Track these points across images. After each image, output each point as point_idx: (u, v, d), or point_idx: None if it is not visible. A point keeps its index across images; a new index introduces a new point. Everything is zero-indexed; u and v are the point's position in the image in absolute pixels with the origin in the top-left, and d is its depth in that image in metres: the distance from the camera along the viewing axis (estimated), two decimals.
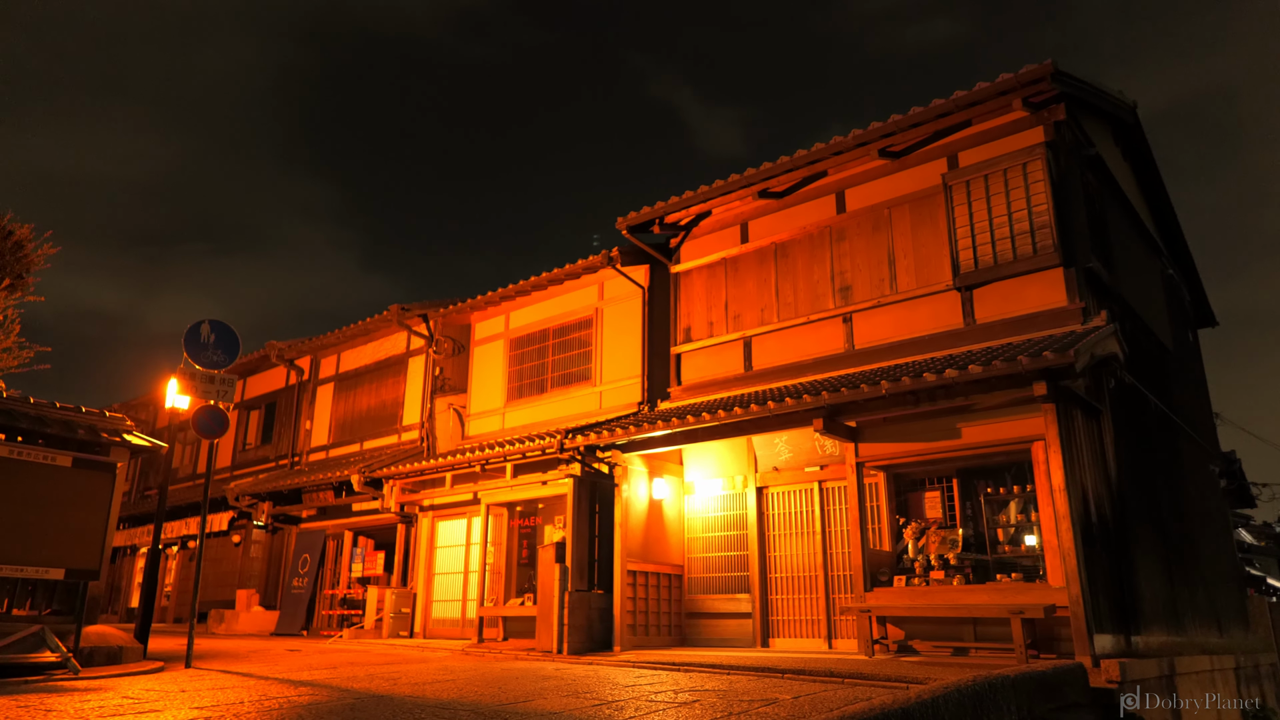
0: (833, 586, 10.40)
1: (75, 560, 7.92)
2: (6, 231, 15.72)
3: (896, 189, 10.76)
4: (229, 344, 9.59)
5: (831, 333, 10.96)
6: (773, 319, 11.56)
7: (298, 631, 16.01)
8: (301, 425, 18.83)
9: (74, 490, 8.01)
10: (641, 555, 11.12)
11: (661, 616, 11.22)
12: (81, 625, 7.95)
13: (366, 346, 17.91)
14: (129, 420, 9.31)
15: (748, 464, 11.34)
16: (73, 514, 7.96)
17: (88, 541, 8.03)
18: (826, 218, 11.36)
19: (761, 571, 10.92)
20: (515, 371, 15.03)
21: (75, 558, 7.93)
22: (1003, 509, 9.19)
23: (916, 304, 10.25)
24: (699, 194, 11.83)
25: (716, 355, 12.09)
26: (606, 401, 13.37)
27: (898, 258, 10.54)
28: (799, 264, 11.51)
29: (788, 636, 10.59)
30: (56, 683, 6.81)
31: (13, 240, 15.71)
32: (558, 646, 10.42)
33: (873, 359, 10.37)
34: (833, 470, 10.57)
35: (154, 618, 21.64)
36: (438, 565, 14.21)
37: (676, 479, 11.92)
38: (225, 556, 19.19)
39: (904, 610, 8.60)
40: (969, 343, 9.60)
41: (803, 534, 10.79)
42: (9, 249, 15.66)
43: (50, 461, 7.87)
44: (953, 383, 8.05)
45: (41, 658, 7.54)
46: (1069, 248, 9.17)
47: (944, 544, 9.28)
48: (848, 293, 10.91)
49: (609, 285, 13.94)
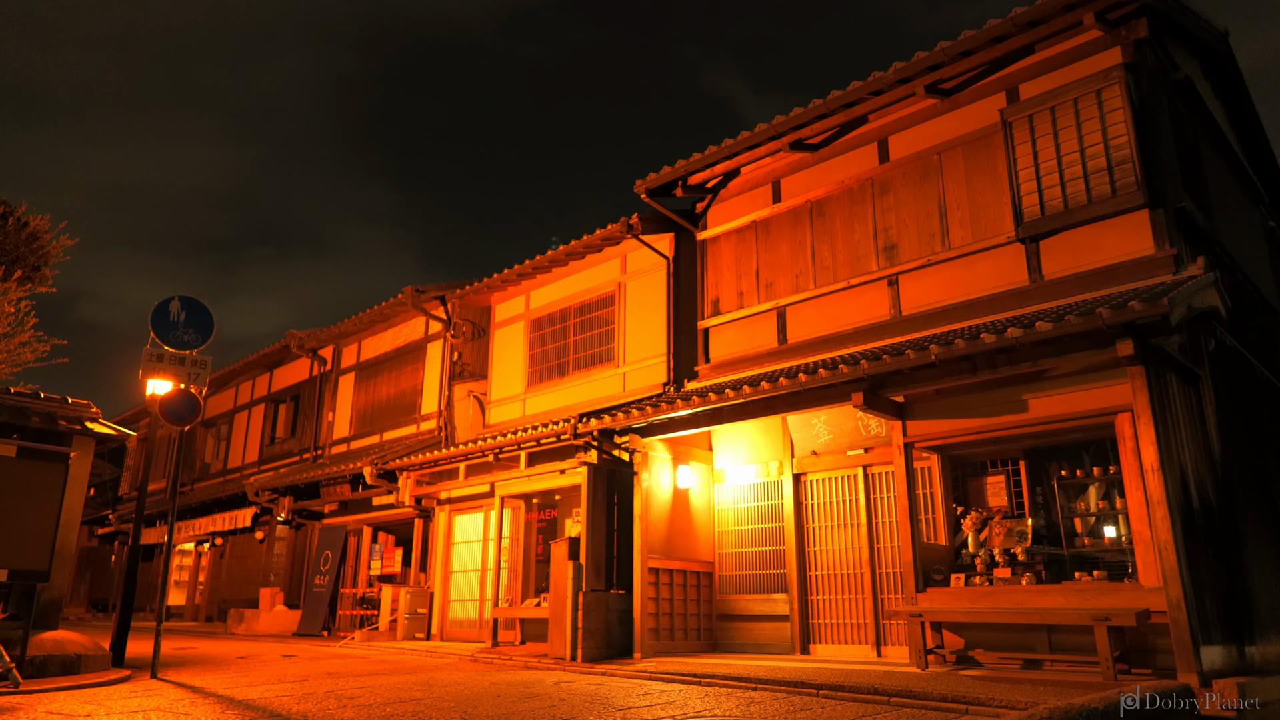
0: (881, 586, 9.14)
1: (19, 560, 7.11)
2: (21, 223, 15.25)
3: (947, 131, 9.41)
4: (202, 323, 8.76)
5: (875, 298, 9.66)
6: (809, 286, 10.30)
7: (318, 632, 15.27)
8: (324, 417, 18.13)
9: (18, 483, 7.20)
10: (665, 551, 9.99)
11: (689, 619, 10.07)
12: (29, 631, 7.13)
13: (386, 333, 17.09)
14: (94, 408, 8.51)
15: (782, 448, 10.12)
16: (17, 509, 7.15)
17: (34, 540, 7.21)
18: (868, 169, 10.05)
19: (800, 569, 9.69)
20: (536, 355, 14.01)
21: (19, 558, 7.12)
22: (1081, 495, 7.83)
23: (973, 261, 8.90)
24: (723, 149, 10.61)
25: (747, 329, 10.87)
26: (630, 384, 12.26)
27: (950, 209, 9.20)
28: (837, 223, 10.23)
29: (830, 642, 9.36)
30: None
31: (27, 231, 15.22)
32: (571, 653, 9.36)
33: (923, 326, 9.06)
34: (879, 453, 9.29)
35: (188, 616, 21.27)
36: (455, 562, 13.28)
37: (705, 466, 10.75)
38: (250, 553, 18.62)
39: (963, 615, 7.30)
40: (1036, 302, 8.23)
41: (846, 526, 9.54)
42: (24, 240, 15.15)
43: None
44: (1016, 345, 6.73)
45: None
46: (1155, 186, 7.74)
47: (1010, 536, 7.95)
48: (893, 252, 9.60)
49: (632, 258, 12.82)
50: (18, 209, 15.63)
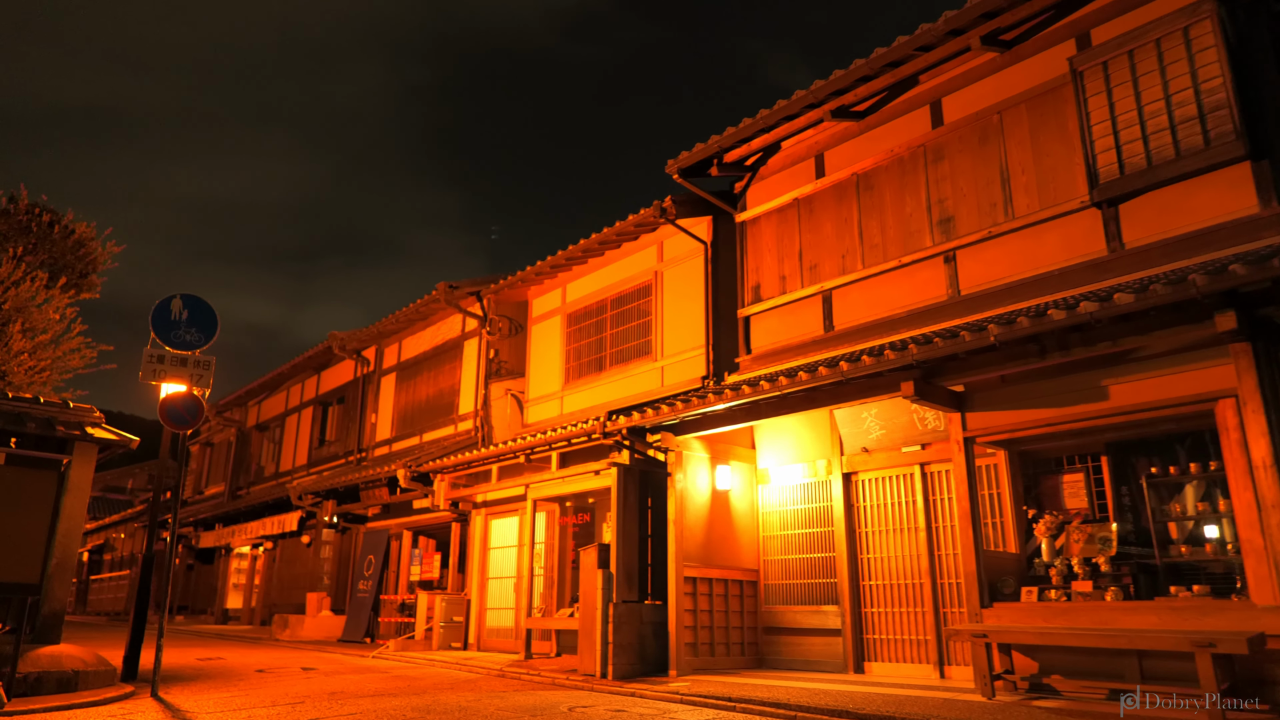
0: (944, 598, 8.18)
1: (8, 573, 6.73)
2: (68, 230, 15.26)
3: (1008, 88, 8.39)
4: (205, 322, 8.33)
5: (930, 277, 8.70)
6: (856, 266, 9.38)
7: (361, 639, 14.91)
8: (367, 419, 17.82)
9: (8, 492, 6.83)
10: (703, 558, 9.20)
11: (731, 632, 9.26)
12: (20, 646, 6.74)
13: (425, 332, 16.67)
14: (97, 412, 8.15)
15: (830, 445, 9.22)
16: (6, 520, 6.77)
17: (25, 551, 6.82)
18: (919, 135, 9.08)
19: (852, 578, 8.79)
20: (572, 350, 13.36)
21: (8, 570, 6.74)
22: (1175, 495, 6.77)
23: (1040, 231, 7.88)
24: (759, 120, 9.75)
25: (791, 315, 10.00)
26: (669, 378, 11.49)
27: (1013, 174, 8.18)
28: (886, 196, 9.28)
29: (887, 660, 8.44)
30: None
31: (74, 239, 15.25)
32: (601, 669, 8.65)
33: (984, 306, 8.08)
34: (938, 449, 8.34)
35: (244, 619, 21.26)
36: (491, 568, 12.70)
37: (747, 466, 9.91)
38: (298, 558, 18.45)
39: (1035, 636, 6.33)
40: (1116, 274, 7.19)
41: (902, 530, 8.60)
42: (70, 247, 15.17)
43: None
44: (1091, 321, 5.75)
45: None
46: (1258, 134, 6.64)
47: (1091, 544, 6.94)
48: (949, 225, 8.62)
49: (669, 244, 12.04)
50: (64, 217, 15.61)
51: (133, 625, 8.63)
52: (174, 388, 8.76)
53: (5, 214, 14.52)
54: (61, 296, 13.88)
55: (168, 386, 8.90)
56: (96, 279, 14.35)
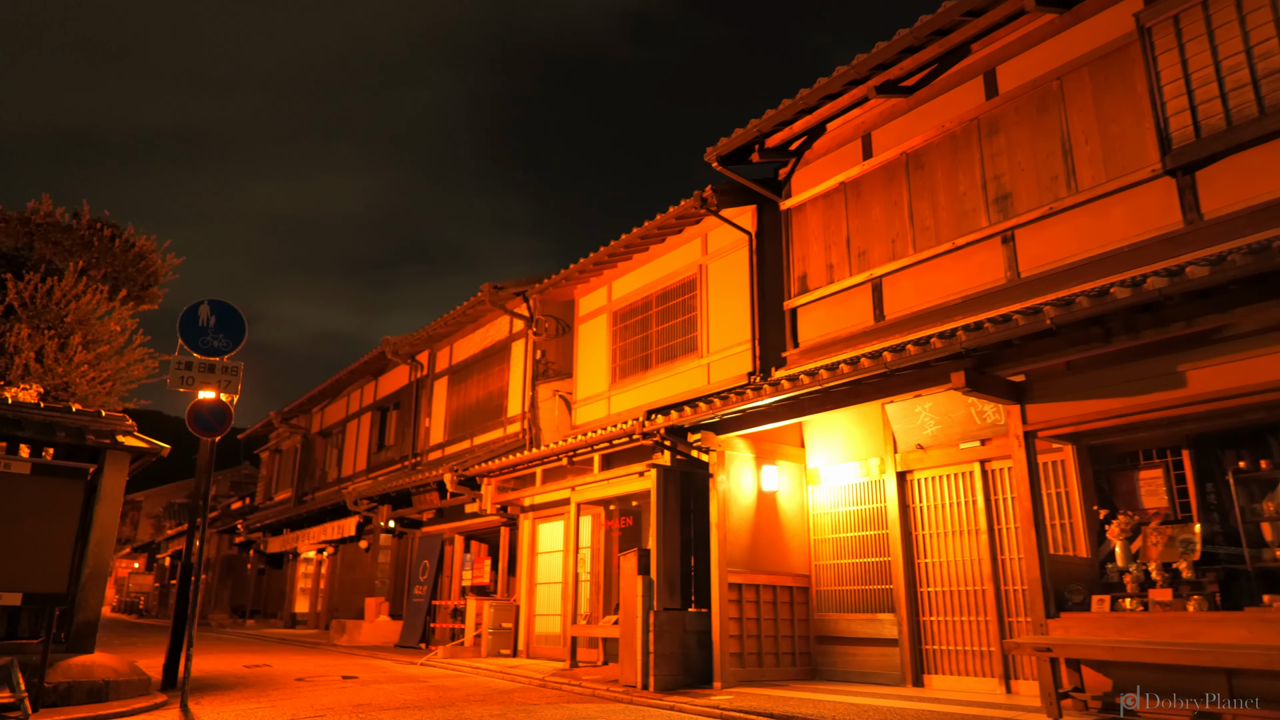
0: (1009, 606, 7.56)
1: (35, 583, 6.70)
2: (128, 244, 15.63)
3: (1068, 50, 7.72)
4: (233, 327, 8.26)
5: (987, 259, 8.07)
6: (907, 250, 8.79)
7: (416, 644, 14.84)
8: (421, 423, 17.82)
9: (34, 502, 6.80)
10: (749, 564, 8.73)
11: (780, 641, 8.77)
12: (48, 656, 6.70)
13: (474, 334, 16.56)
14: (129, 420, 8.13)
15: (883, 442, 8.66)
16: (33, 530, 6.75)
17: (51, 561, 6.79)
18: (972, 108, 8.45)
19: (909, 584, 8.22)
20: (618, 349, 13.01)
21: (35, 580, 6.71)
22: (1268, 493, 6.04)
23: (1107, 205, 7.20)
24: (798, 100, 9.24)
25: (839, 306, 9.45)
26: (715, 375, 11.04)
27: (1075, 144, 7.51)
28: (938, 175, 8.67)
29: (948, 673, 7.84)
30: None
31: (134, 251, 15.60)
32: (642, 680, 8.26)
33: (1047, 288, 7.42)
34: (999, 445, 7.71)
35: (310, 623, 21.55)
36: (539, 573, 12.44)
37: (795, 465, 9.40)
38: (358, 562, 18.56)
39: (1106, 650, 5.70)
40: (1195, 247, 6.48)
41: (961, 533, 7.99)
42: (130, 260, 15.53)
43: (3, 469, 6.69)
44: (1161, 299, 5.12)
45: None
46: None
47: (1171, 547, 6.25)
48: (1006, 203, 7.98)
49: (713, 236, 11.60)
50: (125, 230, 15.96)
51: (172, 633, 8.60)
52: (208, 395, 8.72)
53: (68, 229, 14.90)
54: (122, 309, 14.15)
55: (206, 394, 8.87)
56: (158, 291, 14.58)
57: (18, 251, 14.89)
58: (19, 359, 13.00)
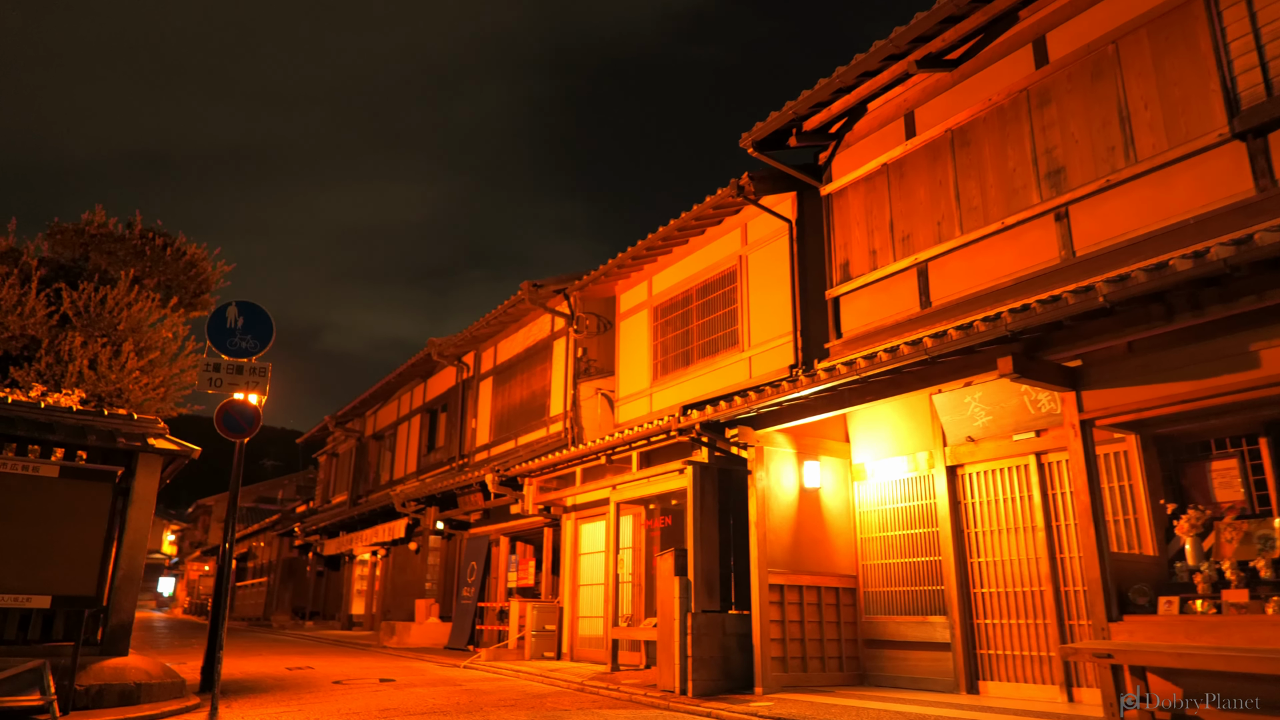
0: (1069, 608, 7.06)
1: (65, 585, 6.71)
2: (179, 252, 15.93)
3: (1124, 11, 7.18)
4: (261, 328, 8.21)
5: (1039, 238, 7.57)
6: (954, 232, 8.32)
7: (464, 647, 14.78)
8: (468, 424, 17.79)
9: (63, 505, 6.82)
10: (791, 564, 8.36)
11: (826, 645, 8.38)
12: (77, 659, 6.71)
13: (517, 334, 16.45)
14: (161, 423, 8.15)
15: (931, 435, 8.20)
16: (62, 533, 6.76)
17: (80, 564, 6.80)
18: (1021, 78, 7.95)
19: (961, 585, 7.75)
20: (660, 345, 12.73)
21: (65, 582, 6.72)
22: None
23: (1169, 174, 6.66)
24: (835, 79, 8.84)
25: (883, 293, 9.02)
26: (757, 369, 10.68)
27: (1133, 111, 6.97)
28: (985, 151, 8.18)
29: (1004, 680, 7.36)
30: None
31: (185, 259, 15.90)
32: (680, 685, 7.96)
33: (1105, 266, 6.89)
34: (1056, 435, 7.21)
35: (366, 625, 21.73)
36: (582, 575, 12.22)
37: (840, 461, 9.00)
38: (409, 564, 18.62)
39: (1173, 657, 5.20)
40: (1270, 216, 5.93)
41: (1017, 530, 7.50)
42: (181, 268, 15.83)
43: (32, 472, 6.72)
44: (1227, 271, 4.63)
45: (27, 700, 6.36)
46: None
47: (1247, 544, 5.71)
48: (1059, 178, 7.47)
49: (753, 226, 11.24)
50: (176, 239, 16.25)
51: (209, 637, 8.59)
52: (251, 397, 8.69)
53: (121, 239, 15.24)
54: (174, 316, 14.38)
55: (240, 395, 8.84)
56: (210, 298, 14.80)
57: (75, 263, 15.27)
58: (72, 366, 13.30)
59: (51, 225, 14.86)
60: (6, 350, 13.80)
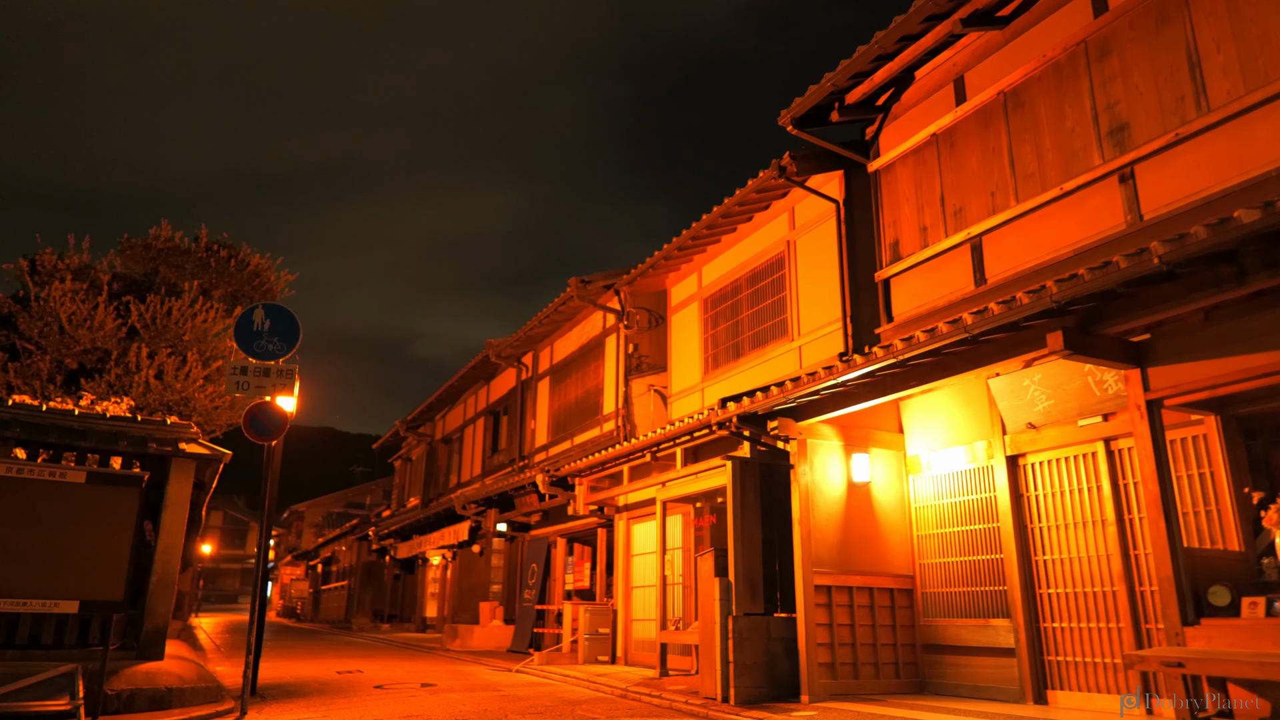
0: (1145, 610, 6.36)
1: (92, 590, 6.72)
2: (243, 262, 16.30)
3: None
4: (288, 330, 8.13)
5: (1102, 203, 6.88)
6: (1009, 202, 7.67)
7: (525, 649, 14.61)
8: (527, 425, 17.68)
9: (91, 510, 6.84)
10: (839, 564, 7.85)
11: (880, 650, 7.82)
12: (107, 663, 6.72)
13: (571, 333, 16.24)
14: (194, 428, 8.17)
15: (989, 422, 7.57)
16: (90, 538, 6.79)
17: (108, 569, 6.80)
18: (1078, 30, 7.26)
19: (1025, 585, 7.10)
20: (710, 337, 12.31)
21: (93, 588, 6.73)
22: None
23: (1247, 122, 5.92)
24: (873, 46, 8.26)
25: (935, 272, 8.41)
26: (807, 359, 10.16)
27: (1204, 55, 6.24)
28: (1040, 112, 7.51)
29: (1075, 689, 6.69)
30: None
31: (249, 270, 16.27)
32: (722, 692, 7.53)
33: (1176, 229, 6.15)
34: (1126, 420, 6.50)
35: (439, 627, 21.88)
36: (634, 576, 11.89)
37: (892, 453, 8.42)
38: (474, 567, 18.63)
39: (1254, 666, 4.53)
40: None
41: (1085, 524, 6.82)
42: (246, 278, 16.21)
43: (59, 478, 6.77)
44: None
45: (56, 704, 6.39)
46: None
47: None
48: (1122, 135, 6.76)
49: (800, 209, 10.72)
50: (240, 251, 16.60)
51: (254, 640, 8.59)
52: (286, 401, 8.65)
53: (187, 253, 15.65)
54: None
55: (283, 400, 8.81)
56: None
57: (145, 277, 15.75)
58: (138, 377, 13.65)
59: (122, 242, 15.38)
60: (81, 363, 14.33)
